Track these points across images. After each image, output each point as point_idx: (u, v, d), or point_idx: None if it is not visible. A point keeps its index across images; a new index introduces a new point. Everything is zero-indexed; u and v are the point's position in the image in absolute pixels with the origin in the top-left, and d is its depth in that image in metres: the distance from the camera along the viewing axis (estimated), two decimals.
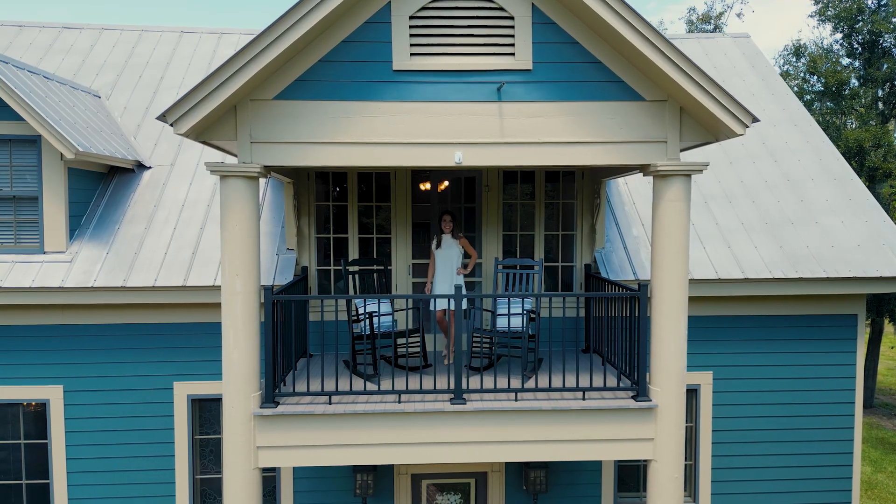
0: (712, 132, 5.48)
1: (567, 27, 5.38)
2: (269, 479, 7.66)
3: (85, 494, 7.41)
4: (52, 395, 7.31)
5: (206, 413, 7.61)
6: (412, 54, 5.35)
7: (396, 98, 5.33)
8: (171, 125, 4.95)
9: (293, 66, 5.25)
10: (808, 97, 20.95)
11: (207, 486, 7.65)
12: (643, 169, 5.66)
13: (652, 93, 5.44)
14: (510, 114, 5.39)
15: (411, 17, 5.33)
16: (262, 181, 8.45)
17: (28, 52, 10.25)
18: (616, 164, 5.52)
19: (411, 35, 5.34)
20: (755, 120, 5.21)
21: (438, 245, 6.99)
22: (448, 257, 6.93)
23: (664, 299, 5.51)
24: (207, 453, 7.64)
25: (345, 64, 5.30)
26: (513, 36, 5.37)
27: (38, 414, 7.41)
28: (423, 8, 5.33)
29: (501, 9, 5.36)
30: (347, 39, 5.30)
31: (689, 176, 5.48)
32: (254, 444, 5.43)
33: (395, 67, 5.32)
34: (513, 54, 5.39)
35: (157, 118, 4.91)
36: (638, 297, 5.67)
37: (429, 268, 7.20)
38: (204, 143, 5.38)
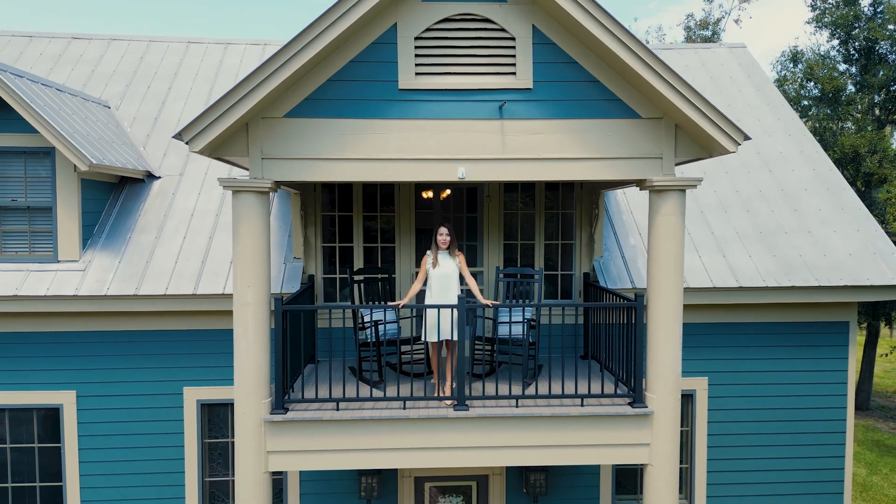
0: (706, 149, 5.69)
1: (566, 48, 5.59)
2: (276, 481, 7.87)
3: (97, 496, 7.62)
4: (66, 399, 7.52)
5: (215, 417, 7.82)
6: (417, 73, 5.56)
7: (402, 115, 5.54)
8: (187, 143, 5.16)
9: (303, 85, 5.46)
10: (806, 102, 21.16)
11: (216, 489, 7.86)
12: (639, 183, 5.86)
13: (648, 110, 5.65)
14: (511, 131, 5.60)
15: (416, 38, 5.54)
16: None
17: (38, 62, 10.46)
18: (613, 179, 5.72)
19: (416, 55, 5.55)
20: (747, 138, 5.42)
21: (435, 263, 6.16)
22: (446, 277, 6.11)
23: (660, 309, 5.72)
24: (216, 456, 7.85)
25: (353, 83, 5.51)
26: (514, 56, 5.58)
27: (51, 418, 7.61)
28: (428, 29, 5.54)
29: (503, 30, 5.57)
30: (355, 59, 5.51)
31: (684, 191, 5.69)
32: (264, 448, 5.63)
33: (400, 86, 5.53)
34: (514, 73, 5.60)
35: (174, 137, 5.11)
36: (635, 307, 5.87)
37: (413, 287, 6.20)
38: (217, 158, 5.58)
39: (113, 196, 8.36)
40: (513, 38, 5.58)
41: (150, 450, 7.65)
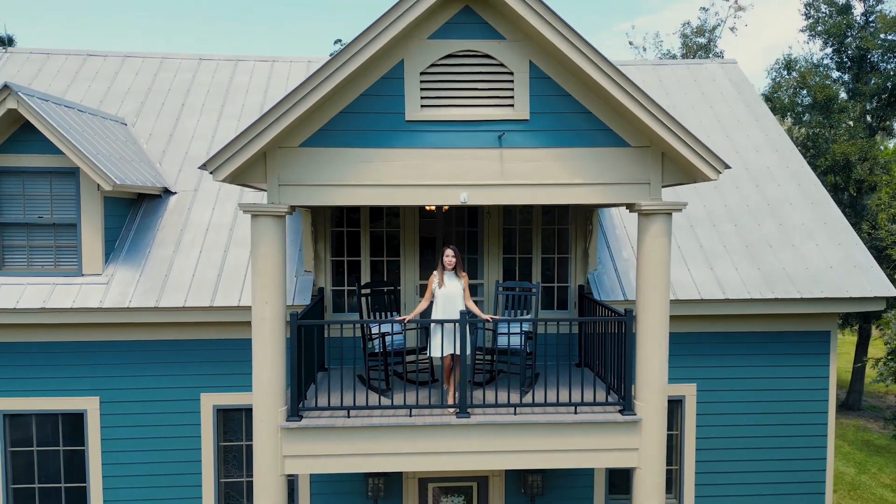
0: (690, 175, 6.12)
1: (561, 82, 6.03)
2: (288, 482, 8.30)
3: (119, 497, 8.07)
4: (90, 405, 7.97)
5: (230, 422, 8.27)
6: (422, 106, 6.00)
7: (409, 145, 5.98)
8: (211, 173, 5.60)
9: (317, 117, 5.90)
10: (800, 108, 21.58)
11: (231, 490, 8.31)
12: (629, 206, 6.30)
13: (636, 139, 6.09)
14: (509, 158, 6.04)
15: (422, 73, 5.98)
16: None
17: (56, 79, 10.89)
18: (604, 203, 6.16)
19: (422, 89, 5.99)
20: (727, 167, 5.86)
21: (441, 283, 6.51)
22: (451, 296, 6.48)
23: (647, 323, 6.16)
24: (231, 459, 8.30)
25: (363, 115, 5.95)
26: (512, 89, 6.02)
27: (76, 423, 8.06)
28: (433, 65, 5.98)
29: (502, 65, 6.01)
30: (365, 93, 5.95)
31: (670, 214, 6.12)
32: (280, 453, 6.08)
33: (407, 118, 5.97)
34: (512, 105, 6.04)
35: (199, 168, 5.56)
36: (624, 320, 6.31)
37: (420, 304, 6.67)
38: (239, 185, 6.02)
39: (132, 211, 8.80)
40: (511, 73, 6.01)
41: (168, 452, 8.09)
